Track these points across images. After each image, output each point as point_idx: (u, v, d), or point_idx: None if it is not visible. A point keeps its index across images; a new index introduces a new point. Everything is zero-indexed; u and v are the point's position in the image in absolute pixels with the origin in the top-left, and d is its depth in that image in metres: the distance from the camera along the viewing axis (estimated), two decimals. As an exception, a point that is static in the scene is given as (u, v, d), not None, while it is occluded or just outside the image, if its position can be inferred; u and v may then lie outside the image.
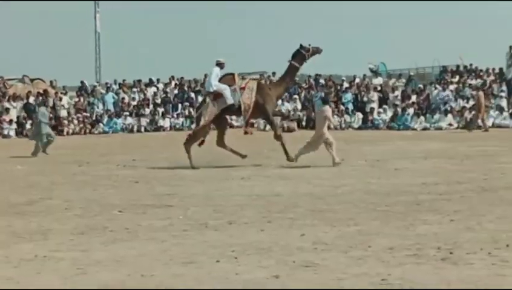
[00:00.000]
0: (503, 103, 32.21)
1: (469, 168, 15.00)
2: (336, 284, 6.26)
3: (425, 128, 30.92)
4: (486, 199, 10.67)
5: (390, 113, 32.85)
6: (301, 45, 17.79)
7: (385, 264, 6.88)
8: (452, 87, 34.35)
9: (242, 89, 17.31)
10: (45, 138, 20.57)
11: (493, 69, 36.42)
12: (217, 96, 17.25)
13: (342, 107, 33.60)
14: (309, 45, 17.83)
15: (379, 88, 35.08)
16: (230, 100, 17.11)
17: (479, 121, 28.90)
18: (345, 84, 35.92)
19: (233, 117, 22.55)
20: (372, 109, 33.11)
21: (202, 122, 17.28)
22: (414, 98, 33.88)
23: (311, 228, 8.87)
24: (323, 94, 29.10)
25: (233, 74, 17.77)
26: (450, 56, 60.80)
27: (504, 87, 33.91)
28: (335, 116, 31.79)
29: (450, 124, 30.95)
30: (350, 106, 33.93)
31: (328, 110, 16.72)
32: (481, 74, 36.44)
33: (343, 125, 32.64)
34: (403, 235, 8.21)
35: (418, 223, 8.98)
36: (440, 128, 30.31)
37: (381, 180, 13.41)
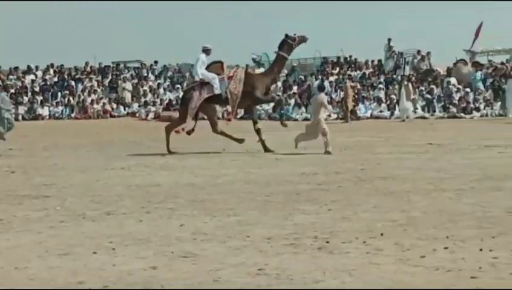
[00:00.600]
0: (381, 95, 33.10)
1: (347, 158, 15.32)
2: (214, 274, 6.26)
3: (306, 119, 31.36)
4: (362, 189, 10.91)
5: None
6: (286, 35, 17.69)
7: (263, 254, 6.94)
8: (332, 78, 35.02)
9: (230, 78, 17.12)
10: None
11: (372, 61, 37.37)
12: (204, 83, 17.07)
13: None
14: (295, 34, 17.78)
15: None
16: (217, 90, 16.93)
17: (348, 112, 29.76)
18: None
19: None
20: (254, 99, 33.31)
21: (189, 110, 16.97)
22: (295, 88, 34.37)
23: (191, 218, 8.86)
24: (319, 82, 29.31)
25: (221, 62, 17.52)
26: (331, 47, 61.84)
27: (382, 79, 34.86)
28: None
29: (329, 115, 31.46)
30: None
31: (324, 97, 16.96)
32: (360, 65, 37.37)
33: (224, 116, 32.75)
34: (281, 225, 8.29)
35: (296, 212, 9.10)
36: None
37: (262, 170, 13.52)
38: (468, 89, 32.65)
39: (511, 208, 8.95)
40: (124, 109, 34.79)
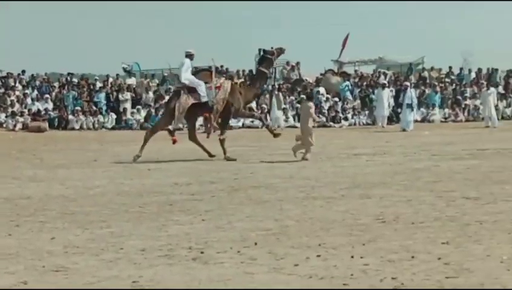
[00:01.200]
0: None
1: (221, 167, 15.38)
2: (87, 288, 6.13)
3: (178, 129, 31.28)
4: (236, 198, 10.97)
5: (143, 114, 32.95)
6: (264, 50, 18.02)
7: (137, 266, 6.85)
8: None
9: (218, 88, 17.05)
10: None
11: (243, 71, 37.69)
12: (191, 89, 16.91)
13: (94, 107, 33.23)
14: (272, 48, 17.99)
15: (132, 88, 35.07)
16: (205, 98, 16.83)
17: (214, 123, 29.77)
18: (99, 84, 35.55)
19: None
20: (125, 109, 33.01)
21: (176, 114, 16.79)
22: (167, 98, 34.21)
23: (62, 231, 8.65)
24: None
25: (210, 71, 17.69)
26: (202, 57, 62.06)
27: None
28: (90, 117, 31.52)
29: (201, 125, 31.50)
30: (104, 106, 33.62)
31: (312, 106, 17.11)
32: (232, 75, 37.59)
33: (96, 126, 32.31)
34: (155, 236, 8.22)
35: (170, 223, 9.05)
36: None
37: (134, 181, 13.38)
38: (336, 99, 33.46)
39: (380, 215, 9.20)
40: (-9, 120, 33.66)
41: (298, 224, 8.80)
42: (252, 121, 30.91)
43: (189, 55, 17.53)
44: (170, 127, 17.24)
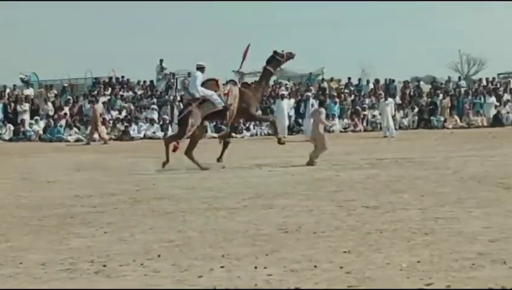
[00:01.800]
0: (154, 116, 33.24)
1: (123, 179, 15.22)
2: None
3: (78, 140, 30.86)
4: (138, 210, 10.87)
5: (42, 125, 32.32)
6: (275, 52, 18.52)
7: (37, 281, 6.71)
8: (105, 99, 34.70)
9: (226, 95, 17.60)
10: None
11: (144, 82, 37.50)
12: (203, 100, 17.38)
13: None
14: (282, 51, 18.49)
15: (31, 99, 34.39)
16: (220, 103, 17.39)
17: (96, 134, 29.59)
18: (-4, 95, 34.70)
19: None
20: (23, 120, 32.31)
21: (189, 127, 17.12)
22: (66, 109, 33.70)
23: (-42, 247, 8.38)
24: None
25: (216, 80, 17.94)
26: (102, 68, 61.34)
27: (155, 100, 35.07)
28: None
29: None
30: (1, 117, 32.84)
31: (323, 112, 18.03)
32: (132, 86, 37.38)
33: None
34: (56, 250, 8.06)
35: (71, 236, 8.89)
36: (94, 140, 30.16)
37: (33, 194, 13.10)
38: (238, 110, 33.56)
39: (282, 225, 9.28)
40: None
41: (201, 235, 8.79)
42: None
43: (200, 68, 17.95)
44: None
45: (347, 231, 8.77)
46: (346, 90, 37.66)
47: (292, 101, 33.88)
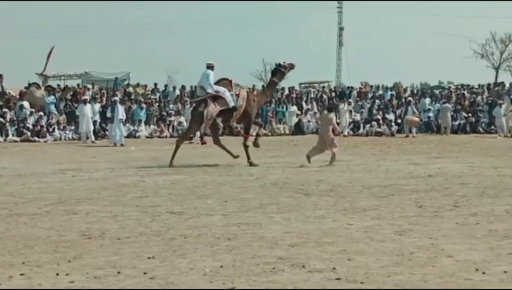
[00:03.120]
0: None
1: None
2: None
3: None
4: None
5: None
6: (279, 64, 20.12)
7: None
8: None
9: (237, 96, 18.84)
10: None
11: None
12: (216, 97, 18.49)
13: None
14: (284, 62, 20.06)
15: None
16: (232, 103, 18.61)
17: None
18: None
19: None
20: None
21: (205, 120, 18.46)
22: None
23: None
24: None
25: (229, 80, 19.16)
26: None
27: None
28: None
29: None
30: None
31: (332, 117, 19.59)
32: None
33: None
34: None
35: None
36: None
37: None
38: (41, 113, 32.67)
39: (86, 231, 9.15)
40: None
41: (1, 242, 8.50)
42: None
43: (211, 67, 18.90)
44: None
45: (151, 237, 8.78)
46: (153, 96, 37.66)
47: (98, 106, 33.34)
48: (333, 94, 42.05)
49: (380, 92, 41.90)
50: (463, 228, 9.24)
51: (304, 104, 38.35)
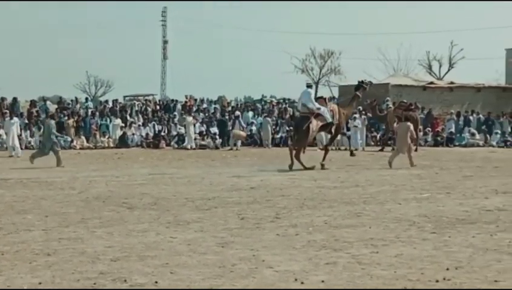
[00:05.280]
0: None
1: None
2: None
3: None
4: None
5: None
6: (362, 81, 23.75)
7: None
8: None
9: (332, 111, 21.74)
10: None
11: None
12: (316, 114, 21.20)
13: None
14: (365, 80, 24.09)
15: None
16: (329, 119, 21.54)
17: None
18: None
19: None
20: None
21: (310, 132, 21.32)
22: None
23: None
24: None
25: (324, 98, 22.87)
26: None
27: None
28: None
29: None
30: None
31: (410, 125, 22.12)
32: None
33: None
34: None
35: None
36: None
37: None
38: None
39: None
40: None
41: None
42: None
43: (310, 86, 22.31)
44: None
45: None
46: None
47: None
48: (158, 107, 42.05)
49: (205, 105, 42.36)
50: (283, 239, 9.48)
51: (128, 116, 38.07)
